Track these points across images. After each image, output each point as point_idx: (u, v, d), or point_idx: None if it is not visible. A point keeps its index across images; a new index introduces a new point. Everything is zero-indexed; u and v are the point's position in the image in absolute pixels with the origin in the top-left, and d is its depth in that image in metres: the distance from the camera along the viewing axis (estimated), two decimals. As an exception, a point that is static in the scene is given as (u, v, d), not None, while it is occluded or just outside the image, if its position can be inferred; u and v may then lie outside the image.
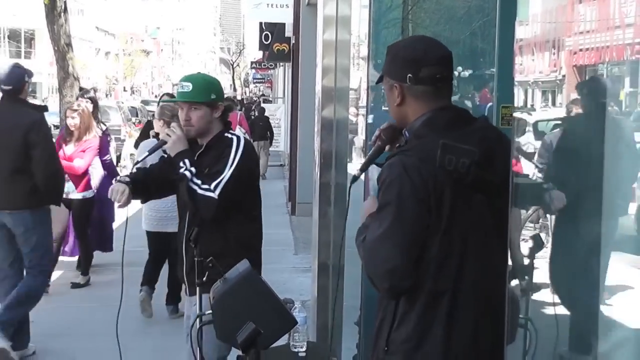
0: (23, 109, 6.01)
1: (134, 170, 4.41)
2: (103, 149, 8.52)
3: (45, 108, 6.56)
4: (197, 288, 3.69)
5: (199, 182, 3.94)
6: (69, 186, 7.91)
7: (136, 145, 9.08)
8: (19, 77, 6.02)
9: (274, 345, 3.41)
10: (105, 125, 9.06)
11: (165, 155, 4.25)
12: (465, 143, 2.64)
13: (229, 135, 4.16)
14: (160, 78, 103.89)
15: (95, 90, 9.20)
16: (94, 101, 8.65)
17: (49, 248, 6.38)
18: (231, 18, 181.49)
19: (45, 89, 61.48)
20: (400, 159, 2.68)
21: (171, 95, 9.83)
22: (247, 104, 31.56)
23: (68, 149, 8.13)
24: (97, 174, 8.41)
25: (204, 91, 4.10)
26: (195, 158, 4.08)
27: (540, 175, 2.78)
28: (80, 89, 8.75)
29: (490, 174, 2.67)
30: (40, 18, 15.15)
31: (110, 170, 8.60)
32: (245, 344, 3.02)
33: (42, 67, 58.83)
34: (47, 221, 6.18)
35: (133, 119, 26.27)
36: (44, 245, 6.12)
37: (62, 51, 13.19)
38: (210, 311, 3.45)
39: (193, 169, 3.95)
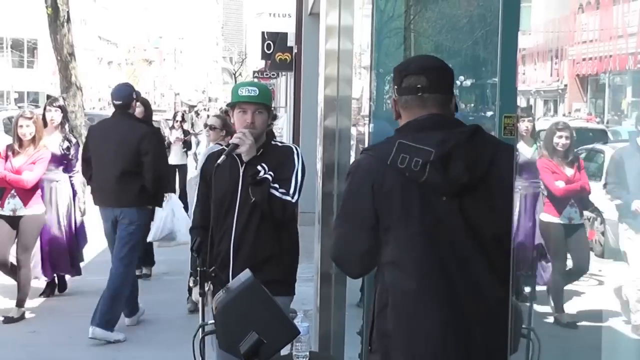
0: (133, 122, 6.98)
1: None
2: (69, 164, 7.97)
3: (149, 122, 7.62)
4: (200, 298, 3.70)
5: (276, 185, 4.12)
6: (15, 202, 7.27)
7: None
8: (128, 94, 6.96)
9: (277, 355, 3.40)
10: (75, 137, 8.32)
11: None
12: (424, 144, 2.67)
13: (280, 144, 4.41)
14: (162, 87, 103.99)
15: (64, 99, 8.53)
16: (63, 110, 8.07)
17: (143, 245, 7.18)
18: (233, 27, 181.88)
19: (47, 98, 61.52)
20: (358, 157, 2.84)
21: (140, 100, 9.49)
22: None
23: (17, 161, 7.28)
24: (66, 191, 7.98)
25: (268, 96, 4.35)
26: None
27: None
28: (48, 97, 8.32)
29: (451, 175, 2.65)
30: (43, 28, 15.19)
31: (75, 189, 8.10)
32: (248, 354, 3.01)
33: (44, 76, 58.89)
34: (149, 221, 7.15)
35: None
36: (140, 237, 6.95)
37: (65, 60, 13.23)
38: (213, 321, 3.45)
39: (272, 173, 4.13)
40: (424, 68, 2.83)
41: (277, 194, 4.10)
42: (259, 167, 4.11)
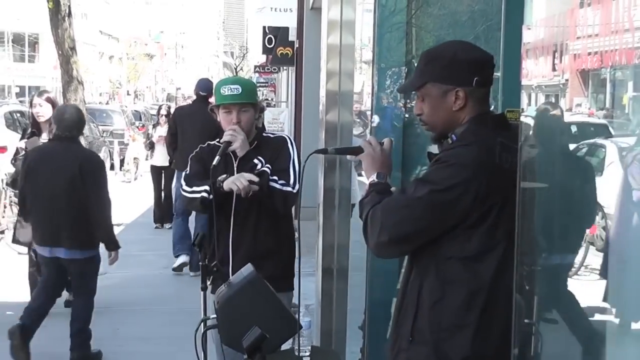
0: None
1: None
2: None
3: None
4: (202, 292, 3.71)
5: (275, 178, 4.06)
6: None
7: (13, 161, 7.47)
8: (210, 87, 8.74)
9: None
10: None
11: None
12: (514, 143, 2.67)
13: (272, 135, 4.31)
14: (163, 82, 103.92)
15: None
16: None
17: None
18: (234, 22, 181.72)
19: (48, 92, 61.39)
20: (465, 150, 2.70)
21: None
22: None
23: None
24: None
25: (252, 93, 4.23)
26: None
27: None
28: None
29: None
30: (44, 22, 15.19)
31: None
32: (251, 348, 3.01)
33: (45, 71, 58.88)
34: None
35: (137, 123, 26.34)
36: None
37: (66, 55, 13.20)
38: (214, 315, 3.45)
39: (269, 166, 4.06)
40: (493, 60, 2.87)
41: (277, 186, 4.04)
42: (256, 161, 4.06)
